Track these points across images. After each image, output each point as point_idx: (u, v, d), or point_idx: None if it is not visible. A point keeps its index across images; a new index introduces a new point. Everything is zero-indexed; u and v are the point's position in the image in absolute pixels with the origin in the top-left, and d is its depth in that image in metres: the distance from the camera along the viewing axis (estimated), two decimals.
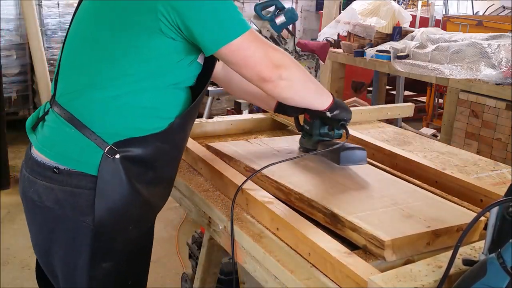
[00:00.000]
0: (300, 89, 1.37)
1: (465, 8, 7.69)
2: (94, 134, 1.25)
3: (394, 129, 2.26)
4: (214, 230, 1.41)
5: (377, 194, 1.34)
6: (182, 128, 1.37)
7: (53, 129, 1.31)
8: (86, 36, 1.31)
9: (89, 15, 1.33)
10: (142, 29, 1.22)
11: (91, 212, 1.25)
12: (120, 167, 1.25)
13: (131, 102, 1.26)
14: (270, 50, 1.28)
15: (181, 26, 1.20)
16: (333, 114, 1.49)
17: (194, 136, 1.85)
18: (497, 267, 0.79)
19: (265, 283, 1.19)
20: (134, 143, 1.27)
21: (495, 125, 3.42)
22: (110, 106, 1.26)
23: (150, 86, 1.27)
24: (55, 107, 1.31)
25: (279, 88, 1.31)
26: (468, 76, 3.52)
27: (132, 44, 1.24)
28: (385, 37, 4.41)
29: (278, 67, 1.28)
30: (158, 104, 1.29)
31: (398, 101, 4.90)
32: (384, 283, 0.91)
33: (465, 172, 1.71)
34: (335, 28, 4.60)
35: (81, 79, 1.29)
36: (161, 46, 1.23)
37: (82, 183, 1.25)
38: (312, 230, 1.15)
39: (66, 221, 1.28)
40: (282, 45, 2.84)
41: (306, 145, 1.65)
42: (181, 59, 1.27)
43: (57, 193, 1.27)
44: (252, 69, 1.27)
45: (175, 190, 1.63)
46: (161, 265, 3.06)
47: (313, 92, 1.44)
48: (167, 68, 1.27)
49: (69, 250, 1.31)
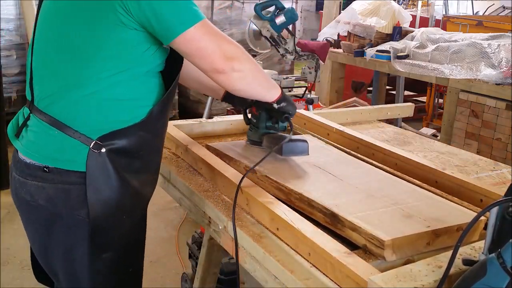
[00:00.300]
0: (252, 81, 1.40)
1: (465, 8, 7.69)
2: (78, 132, 1.28)
3: (394, 129, 2.26)
4: (214, 230, 1.41)
5: (377, 194, 1.34)
6: (161, 114, 1.39)
7: (37, 133, 1.33)
8: (54, 37, 1.32)
9: (53, 16, 1.34)
10: (106, 24, 1.24)
11: (84, 206, 1.28)
12: (106, 160, 1.29)
13: (109, 97, 1.29)
14: (224, 42, 1.31)
15: (136, 18, 1.23)
16: (279, 106, 1.54)
17: (194, 136, 1.85)
18: (497, 267, 0.79)
19: (265, 283, 1.19)
20: (117, 135, 1.30)
21: (495, 125, 3.42)
22: (89, 103, 1.28)
23: (124, 78, 1.29)
24: (35, 112, 1.33)
25: (231, 80, 1.34)
26: (468, 76, 3.52)
27: (99, 40, 1.26)
28: (385, 37, 4.41)
29: (231, 59, 1.31)
30: (135, 94, 1.32)
31: (398, 101, 4.90)
32: (384, 283, 0.91)
33: (465, 172, 1.71)
34: (335, 28, 4.61)
35: (57, 81, 1.31)
36: (126, 38, 1.26)
37: (72, 179, 1.28)
38: (312, 230, 1.15)
39: (61, 217, 1.31)
40: (282, 45, 2.84)
41: (253, 137, 1.72)
42: (147, 48, 1.29)
43: (48, 191, 1.30)
44: (206, 60, 1.29)
45: (175, 190, 1.63)
46: (161, 265, 3.05)
47: (264, 84, 1.49)
48: (137, 59, 1.30)
49: (68, 246, 1.34)
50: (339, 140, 1.86)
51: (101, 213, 1.30)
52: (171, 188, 1.66)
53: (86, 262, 1.33)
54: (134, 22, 1.24)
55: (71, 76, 1.28)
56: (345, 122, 2.19)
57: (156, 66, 1.35)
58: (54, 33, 1.33)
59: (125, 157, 1.32)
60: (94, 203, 1.28)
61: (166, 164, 1.69)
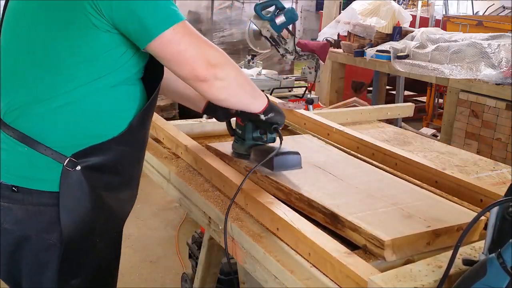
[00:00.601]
0: (236, 90, 1.28)
1: (465, 8, 7.69)
2: (50, 149, 1.17)
3: (394, 129, 2.26)
4: (214, 230, 1.41)
5: (377, 194, 1.34)
6: (142, 125, 1.29)
7: (5, 150, 1.21)
8: (21, 43, 1.21)
9: (19, 18, 1.22)
10: (76, 26, 1.13)
11: (56, 229, 1.19)
12: (82, 178, 1.19)
13: (83, 108, 1.18)
14: (205, 47, 1.19)
15: (109, 19, 1.13)
16: (267, 117, 1.42)
17: (194, 136, 1.85)
18: (497, 267, 0.79)
19: (265, 283, 1.18)
20: (94, 151, 1.20)
21: (495, 125, 3.42)
22: (61, 117, 1.17)
23: (100, 86, 1.18)
24: (2, 127, 1.21)
25: (214, 89, 1.22)
26: (468, 76, 3.52)
27: (70, 44, 1.15)
28: (385, 37, 4.41)
29: (213, 66, 1.19)
30: (112, 104, 1.22)
31: (398, 101, 4.90)
32: (384, 283, 0.91)
33: (465, 172, 1.71)
34: (335, 28, 4.61)
35: (24, 92, 1.19)
36: (100, 41, 1.15)
37: (44, 200, 1.19)
38: (312, 230, 1.15)
39: (29, 241, 1.21)
40: (282, 45, 2.84)
41: (239, 150, 1.59)
42: (124, 52, 1.19)
43: (16, 212, 1.20)
44: (185, 67, 1.18)
45: (175, 190, 1.63)
46: (161, 265, 3.06)
47: (249, 94, 1.36)
48: (113, 64, 1.19)
49: (35, 269, 1.25)
50: (339, 140, 1.86)
51: (74, 236, 1.20)
52: (171, 188, 1.66)
53: (53, 286, 1.24)
54: (107, 23, 1.13)
55: (40, 85, 1.17)
56: (345, 122, 2.19)
57: (134, 73, 1.24)
58: (20, 39, 1.21)
59: (102, 174, 1.22)
60: (67, 225, 1.18)
61: (166, 164, 1.69)
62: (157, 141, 1.89)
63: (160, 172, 1.72)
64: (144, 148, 1.38)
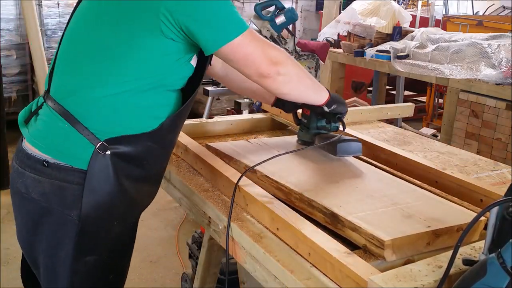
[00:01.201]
0: (297, 84, 1.41)
1: (465, 8, 7.69)
2: (87, 130, 1.27)
3: (394, 129, 2.26)
4: (214, 230, 1.41)
5: (377, 194, 1.34)
6: (172, 128, 1.39)
7: (46, 123, 1.33)
8: (86, 35, 1.33)
9: (90, 15, 1.35)
10: (143, 30, 1.24)
11: (77, 207, 1.27)
12: (109, 163, 1.28)
13: (128, 101, 1.29)
14: (268, 48, 1.33)
15: (183, 26, 1.23)
16: (330, 108, 1.56)
17: (194, 136, 1.85)
18: (497, 267, 0.79)
19: (265, 283, 1.19)
20: (125, 141, 1.29)
21: (495, 125, 3.42)
22: (107, 104, 1.28)
23: (147, 86, 1.29)
24: (49, 101, 1.33)
25: (277, 83, 1.35)
26: (468, 76, 3.52)
27: (132, 44, 1.26)
28: (385, 37, 4.41)
29: (275, 63, 1.32)
30: (152, 103, 1.32)
31: (398, 101, 4.90)
32: (384, 283, 0.91)
33: (465, 172, 1.71)
34: (335, 28, 4.61)
35: (79, 76, 1.30)
36: (160, 46, 1.26)
37: (70, 178, 1.28)
38: (312, 230, 1.15)
39: (51, 214, 1.30)
40: (282, 45, 2.84)
41: (304, 138, 1.72)
42: (178, 59, 1.30)
43: (44, 185, 1.29)
44: (251, 66, 1.31)
45: (175, 190, 1.63)
46: (161, 265, 3.06)
47: (310, 88, 1.49)
48: (164, 68, 1.30)
49: (53, 242, 1.33)
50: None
51: (93, 215, 1.28)
52: (171, 188, 1.66)
53: (68, 261, 1.32)
54: (175, 31, 1.24)
55: (93, 74, 1.29)
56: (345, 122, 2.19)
57: (179, 80, 1.35)
58: (88, 31, 1.33)
59: (127, 163, 1.31)
60: (88, 203, 1.27)
61: None
62: None
63: None
64: (170, 151, 1.46)
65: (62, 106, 1.30)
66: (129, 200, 1.35)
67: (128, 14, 1.26)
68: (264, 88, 1.39)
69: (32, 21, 4.62)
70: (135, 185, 1.35)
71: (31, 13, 4.62)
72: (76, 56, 1.34)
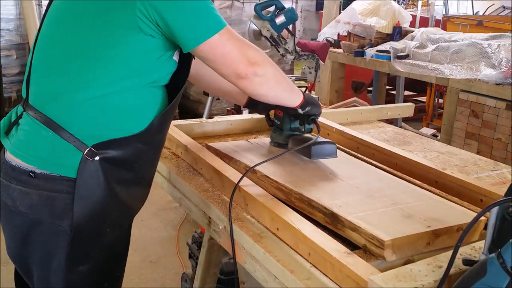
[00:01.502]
0: (274, 86, 1.40)
1: (465, 8, 7.69)
2: (73, 136, 1.23)
3: (394, 129, 2.26)
4: (214, 230, 1.41)
5: (377, 194, 1.34)
6: (161, 128, 1.36)
7: (28, 132, 1.27)
8: (62, 37, 1.28)
9: (64, 15, 1.29)
10: (122, 27, 1.21)
11: (68, 216, 1.24)
12: (99, 169, 1.24)
13: (112, 103, 1.25)
14: (246, 47, 1.30)
15: (160, 23, 1.20)
16: (304, 110, 1.54)
17: (194, 136, 1.85)
18: (497, 267, 0.79)
19: (265, 283, 1.18)
20: (113, 145, 1.25)
21: (495, 125, 3.42)
22: (91, 108, 1.23)
23: (131, 85, 1.26)
24: (29, 110, 1.28)
25: (254, 85, 1.33)
26: (468, 76, 3.52)
27: (112, 42, 1.22)
28: (385, 37, 4.41)
29: (253, 64, 1.30)
30: (138, 103, 1.28)
31: (398, 101, 4.90)
32: (384, 283, 0.91)
33: (465, 172, 1.71)
34: (335, 28, 4.61)
35: (58, 81, 1.25)
36: (140, 43, 1.22)
37: (59, 187, 1.23)
38: (312, 230, 1.15)
39: (41, 225, 1.26)
40: (282, 45, 2.84)
41: (277, 139, 1.70)
42: (160, 56, 1.27)
43: (32, 197, 1.25)
44: (229, 66, 1.29)
45: (175, 190, 1.63)
46: (161, 265, 3.06)
47: (286, 90, 1.47)
48: (147, 66, 1.26)
49: (44, 253, 1.29)
50: (339, 140, 1.86)
51: (85, 223, 1.25)
52: (171, 188, 1.66)
53: (62, 272, 1.28)
54: (153, 28, 1.21)
55: (74, 77, 1.23)
56: (345, 122, 2.19)
57: (163, 77, 1.32)
58: (62, 32, 1.28)
59: (117, 168, 1.27)
60: (79, 212, 1.23)
61: (166, 164, 1.69)
62: None
63: (160, 172, 1.72)
64: (159, 151, 1.43)
65: (44, 114, 1.25)
66: (121, 205, 1.32)
67: (105, 13, 1.22)
68: (240, 89, 1.36)
69: (32, 21, 4.62)
70: (127, 189, 1.32)
71: (31, 13, 4.62)
72: (54, 60, 1.28)
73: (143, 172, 1.37)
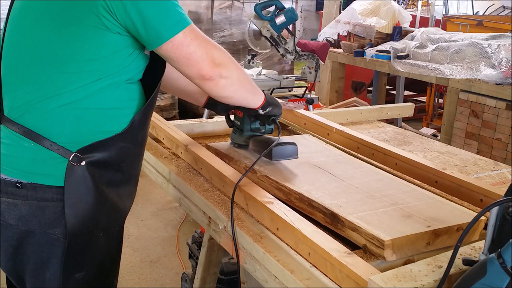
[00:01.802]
0: (239, 88, 1.37)
1: (465, 8, 7.70)
2: (55, 144, 1.20)
3: (394, 129, 2.26)
4: (214, 230, 1.41)
5: (377, 194, 1.34)
6: (143, 123, 1.34)
7: (9, 146, 1.23)
8: (26, 41, 1.23)
9: (24, 17, 1.25)
10: (86, 27, 1.16)
11: (60, 224, 1.22)
12: (86, 174, 1.22)
13: (89, 106, 1.22)
14: (211, 48, 1.26)
15: (122, 22, 1.17)
16: (265, 111, 1.51)
17: (194, 136, 1.85)
18: (497, 267, 0.79)
19: (265, 283, 1.18)
20: (98, 147, 1.23)
21: (495, 125, 3.42)
22: (68, 114, 1.20)
23: (105, 86, 1.22)
24: (6, 123, 1.24)
25: (218, 87, 1.29)
26: (468, 76, 3.52)
27: (78, 44, 1.18)
28: (385, 37, 4.41)
29: (218, 65, 1.26)
30: (116, 103, 1.26)
31: (398, 101, 4.91)
32: (384, 283, 0.91)
33: (465, 172, 1.71)
34: (335, 28, 4.61)
35: (30, 89, 1.21)
36: (108, 42, 1.19)
37: (48, 196, 1.21)
38: (312, 230, 1.15)
39: (33, 235, 1.23)
40: (282, 45, 2.84)
41: (238, 140, 1.68)
42: (130, 53, 1.24)
43: (21, 208, 1.22)
44: (193, 67, 1.24)
45: (175, 190, 1.63)
46: (161, 265, 3.06)
47: (249, 92, 1.45)
48: (119, 64, 1.23)
49: (38, 264, 1.26)
50: (339, 140, 1.86)
51: (78, 230, 1.22)
52: (171, 188, 1.66)
53: (57, 282, 1.26)
54: (118, 25, 1.17)
55: (46, 84, 1.19)
56: (345, 122, 2.19)
57: (137, 73, 1.29)
58: (26, 36, 1.23)
59: (105, 170, 1.26)
60: (71, 219, 1.21)
61: (166, 164, 1.69)
62: (157, 141, 1.89)
63: (160, 172, 1.72)
64: (143, 147, 1.42)
65: (21, 125, 1.21)
66: (112, 207, 1.31)
67: (69, 14, 1.17)
68: (204, 91, 1.32)
69: None
70: (117, 190, 1.31)
71: None
72: (22, 69, 1.23)
73: (130, 170, 1.36)
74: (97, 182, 1.24)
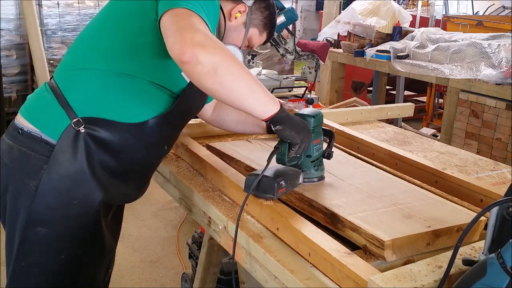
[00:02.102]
0: (228, 81, 1.12)
1: (465, 8, 7.70)
2: (68, 105, 1.30)
3: (394, 129, 2.26)
4: (214, 230, 1.41)
5: (377, 194, 1.34)
6: (157, 130, 1.36)
7: (35, 93, 1.41)
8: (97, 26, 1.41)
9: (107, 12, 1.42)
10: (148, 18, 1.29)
11: (37, 177, 1.29)
12: (82, 142, 1.29)
13: (111, 81, 1.31)
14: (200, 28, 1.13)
15: None
16: (275, 128, 1.22)
17: (194, 136, 1.85)
18: (497, 267, 0.79)
19: (265, 283, 1.18)
20: (102, 124, 1.30)
21: (495, 125, 3.42)
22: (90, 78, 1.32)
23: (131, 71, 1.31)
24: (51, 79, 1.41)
25: (197, 73, 1.10)
26: (468, 76, 3.52)
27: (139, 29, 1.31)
28: (385, 37, 4.41)
29: (196, 44, 1.08)
30: (141, 97, 1.33)
31: (398, 101, 4.91)
32: (384, 283, 0.91)
33: (465, 172, 1.71)
34: (335, 28, 4.61)
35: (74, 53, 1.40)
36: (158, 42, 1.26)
37: (37, 147, 1.30)
38: (312, 230, 1.15)
39: (15, 180, 1.33)
40: (282, 45, 2.84)
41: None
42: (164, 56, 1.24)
43: (14, 152, 1.33)
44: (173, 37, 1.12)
45: (175, 190, 1.63)
46: (161, 265, 3.06)
47: (250, 92, 1.17)
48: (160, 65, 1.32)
49: (12, 212, 1.35)
50: (339, 140, 1.86)
51: (51, 187, 1.28)
52: (171, 188, 1.66)
53: (20, 230, 1.32)
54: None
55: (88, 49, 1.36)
56: (345, 122, 2.19)
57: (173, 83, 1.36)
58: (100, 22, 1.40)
59: (101, 150, 1.31)
60: (50, 174, 1.28)
61: (166, 164, 1.69)
62: None
63: (160, 172, 1.72)
64: (152, 155, 1.45)
65: (53, 79, 1.37)
66: (93, 185, 1.31)
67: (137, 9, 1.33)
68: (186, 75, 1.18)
69: (32, 21, 4.62)
70: (108, 177, 1.34)
71: (31, 13, 4.62)
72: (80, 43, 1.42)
73: (127, 165, 1.38)
74: (90, 155, 1.30)
